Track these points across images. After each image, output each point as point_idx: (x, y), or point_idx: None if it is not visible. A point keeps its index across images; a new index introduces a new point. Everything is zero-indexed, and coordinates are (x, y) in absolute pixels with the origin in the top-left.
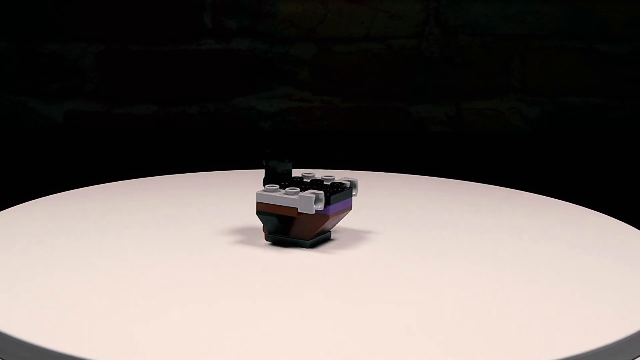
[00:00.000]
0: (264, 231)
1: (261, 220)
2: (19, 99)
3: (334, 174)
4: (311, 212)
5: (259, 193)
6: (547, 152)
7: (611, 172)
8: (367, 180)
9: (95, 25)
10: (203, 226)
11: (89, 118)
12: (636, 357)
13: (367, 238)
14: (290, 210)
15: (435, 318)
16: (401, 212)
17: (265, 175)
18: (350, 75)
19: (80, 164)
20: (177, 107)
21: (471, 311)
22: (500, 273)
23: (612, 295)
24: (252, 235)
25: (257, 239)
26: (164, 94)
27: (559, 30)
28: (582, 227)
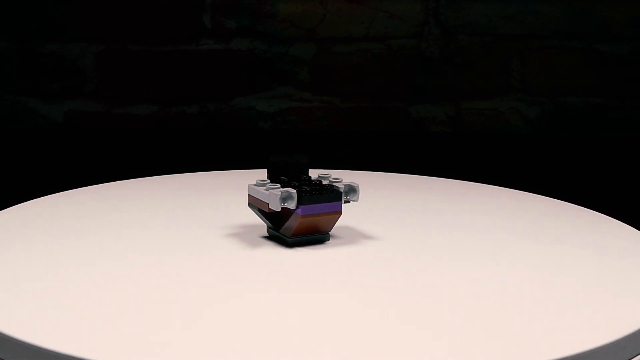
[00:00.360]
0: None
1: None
2: (19, 99)
3: (345, 175)
4: (277, 209)
5: (250, 185)
6: (547, 152)
7: (611, 172)
8: (367, 180)
9: (95, 25)
10: (203, 226)
11: (89, 118)
12: (635, 356)
13: (366, 238)
14: (266, 206)
15: (436, 318)
16: (401, 212)
17: (268, 169)
18: (350, 75)
19: (80, 164)
20: (177, 107)
21: (471, 311)
22: (500, 273)
23: (611, 295)
24: (252, 235)
25: (256, 239)
26: (164, 94)
27: (559, 30)
28: (582, 227)
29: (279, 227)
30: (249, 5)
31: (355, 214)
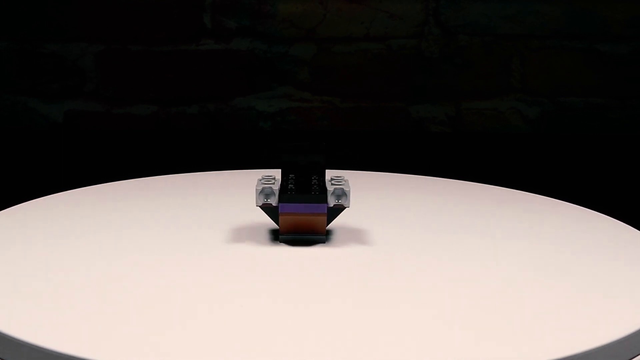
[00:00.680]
0: None
1: None
2: (19, 99)
3: (345, 175)
4: (258, 204)
5: (258, 179)
6: (547, 152)
7: (611, 172)
8: (367, 180)
9: (95, 25)
10: (203, 226)
11: (89, 118)
12: (635, 356)
13: (365, 238)
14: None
15: (435, 318)
16: (400, 212)
17: (282, 166)
18: (350, 75)
19: (80, 164)
20: (177, 107)
21: (471, 311)
22: (500, 273)
23: (611, 295)
24: (252, 235)
25: (256, 239)
26: (164, 94)
27: (559, 30)
28: (582, 227)
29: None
30: (249, 5)
31: (355, 214)
